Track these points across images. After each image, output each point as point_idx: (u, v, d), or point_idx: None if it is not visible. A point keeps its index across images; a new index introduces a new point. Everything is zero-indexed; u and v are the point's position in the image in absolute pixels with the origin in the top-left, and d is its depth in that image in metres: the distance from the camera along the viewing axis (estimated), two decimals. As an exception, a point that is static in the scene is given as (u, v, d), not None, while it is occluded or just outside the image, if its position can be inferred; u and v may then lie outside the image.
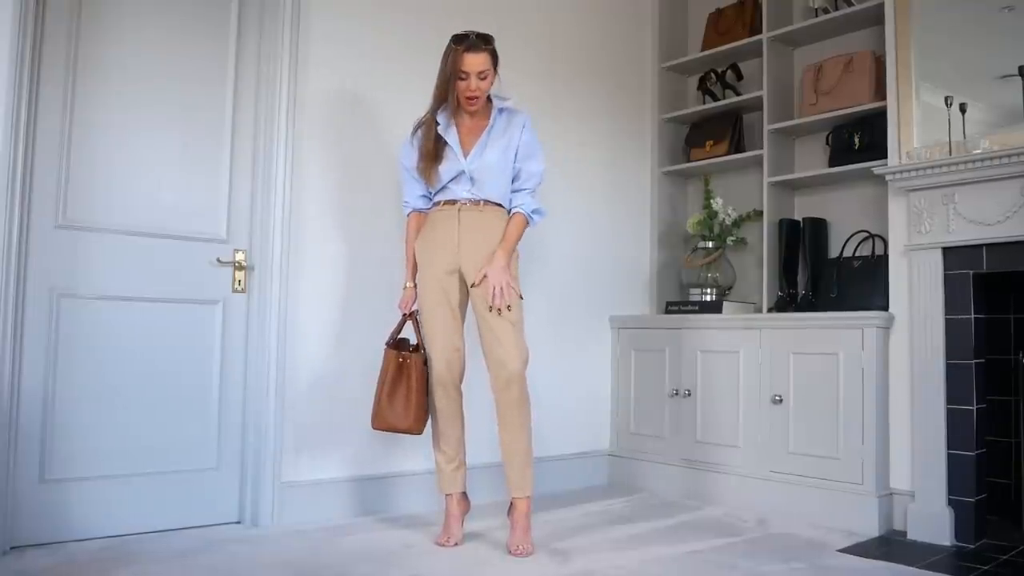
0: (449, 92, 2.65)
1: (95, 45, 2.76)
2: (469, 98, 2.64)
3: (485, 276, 2.63)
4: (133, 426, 2.77)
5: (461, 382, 2.76)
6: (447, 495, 2.76)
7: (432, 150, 2.68)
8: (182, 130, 2.93)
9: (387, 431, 2.73)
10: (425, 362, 2.71)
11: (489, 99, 2.74)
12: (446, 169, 2.68)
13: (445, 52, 2.65)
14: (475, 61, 2.60)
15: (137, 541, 2.67)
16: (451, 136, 2.69)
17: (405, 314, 2.80)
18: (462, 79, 2.62)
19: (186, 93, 2.94)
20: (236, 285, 3.01)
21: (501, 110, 2.74)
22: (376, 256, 3.22)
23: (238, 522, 2.97)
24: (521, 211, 2.72)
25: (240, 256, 3.01)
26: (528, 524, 2.67)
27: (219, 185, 3.00)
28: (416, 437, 2.76)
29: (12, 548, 2.50)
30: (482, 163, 2.67)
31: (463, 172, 2.67)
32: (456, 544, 2.70)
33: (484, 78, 2.63)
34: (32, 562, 2.42)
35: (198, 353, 2.92)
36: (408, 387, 2.67)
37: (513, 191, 2.74)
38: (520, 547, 2.61)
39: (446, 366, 2.70)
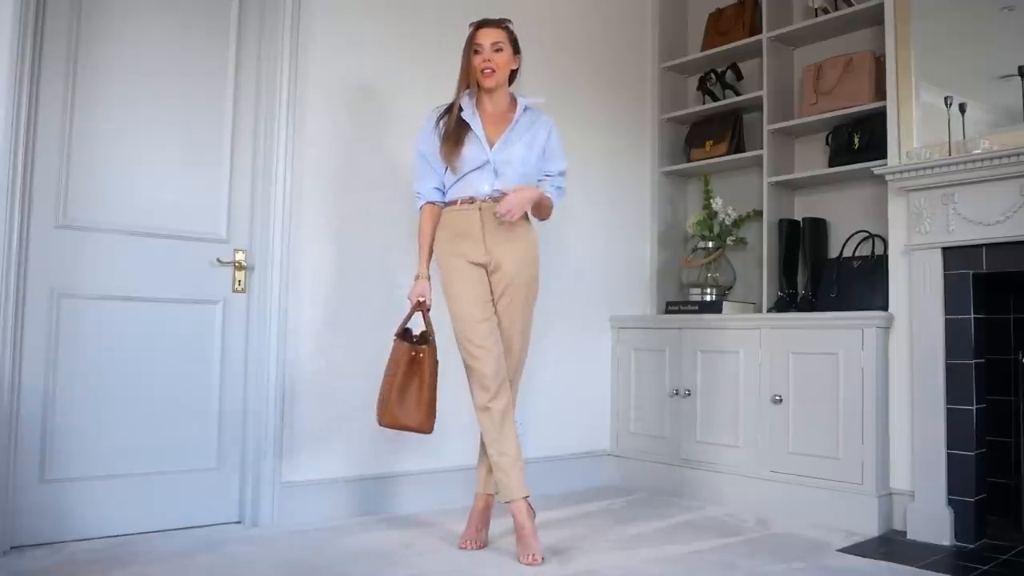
0: (468, 72, 2.67)
1: (95, 44, 2.75)
2: (484, 70, 2.65)
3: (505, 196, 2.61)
4: (133, 426, 2.77)
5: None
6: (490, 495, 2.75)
7: (455, 133, 2.66)
8: (182, 130, 2.92)
9: (394, 428, 2.63)
10: (436, 356, 2.64)
11: (514, 98, 2.76)
12: (469, 156, 2.64)
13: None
14: (488, 34, 2.66)
15: (137, 541, 2.66)
16: (475, 122, 2.67)
17: (418, 302, 2.69)
18: (477, 52, 2.66)
19: (186, 93, 2.93)
20: (236, 285, 3.01)
21: (527, 108, 2.74)
22: (377, 256, 3.22)
23: (238, 522, 2.96)
24: (550, 195, 2.76)
25: (240, 256, 3.01)
26: (534, 525, 2.63)
27: (219, 185, 3.00)
28: (414, 437, 2.75)
29: (12, 548, 2.50)
30: (506, 156, 2.66)
31: (487, 163, 2.65)
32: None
33: (499, 50, 2.66)
34: (32, 562, 2.42)
35: (198, 353, 2.92)
36: (420, 382, 2.58)
37: (543, 183, 2.77)
38: (535, 555, 2.51)
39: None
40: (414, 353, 2.60)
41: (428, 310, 2.70)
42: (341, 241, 3.16)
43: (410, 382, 2.58)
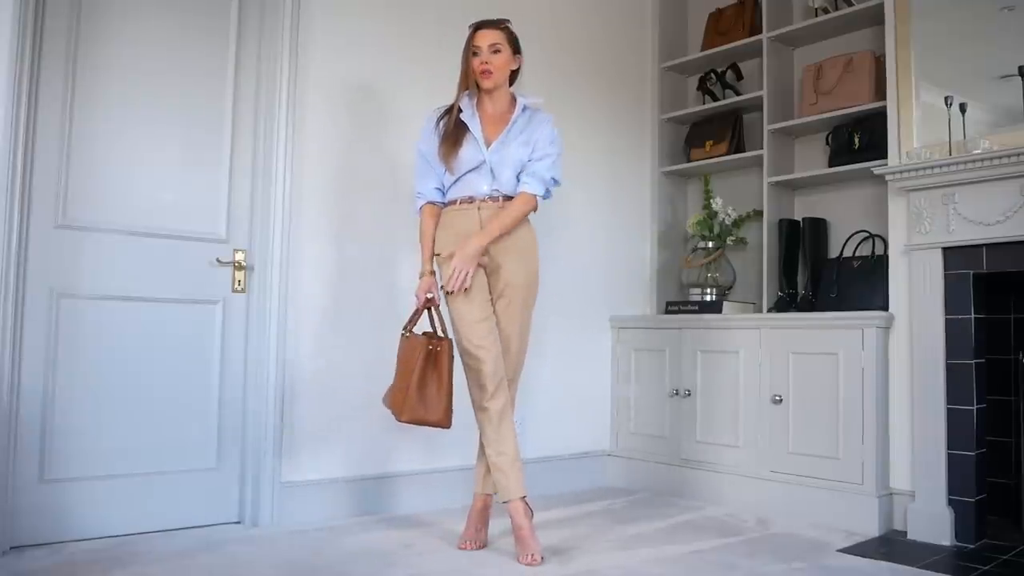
0: (467, 73, 2.67)
1: (95, 44, 2.75)
2: (483, 72, 2.65)
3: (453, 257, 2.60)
4: (133, 426, 2.77)
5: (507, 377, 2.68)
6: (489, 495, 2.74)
7: (453, 134, 2.66)
8: (182, 130, 2.92)
9: (416, 424, 2.57)
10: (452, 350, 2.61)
11: (514, 98, 2.75)
12: (466, 156, 2.65)
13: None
14: (485, 35, 2.66)
15: (137, 541, 2.66)
16: (473, 124, 2.67)
17: (427, 299, 2.65)
18: (475, 54, 2.66)
19: (186, 93, 2.93)
20: (236, 285, 3.01)
21: (525, 107, 2.73)
22: (377, 256, 3.22)
23: (238, 522, 2.96)
24: (527, 191, 2.66)
25: (240, 256, 3.01)
26: (532, 525, 2.63)
27: (219, 185, 3.00)
28: (412, 436, 2.73)
29: (12, 548, 2.50)
30: (503, 156, 2.65)
31: (484, 163, 2.65)
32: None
33: (496, 52, 2.65)
34: (32, 562, 2.42)
35: (198, 353, 2.92)
36: (439, 377, 2.56)
37: (522, 173, 2.68)
38: (534, 555, 2.52)
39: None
40: (431, 347, 2.57)
41: (437, 306, 2.68)
42: (341, 241, 3.15)
43: (428, 377, 2.55)
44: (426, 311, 2.67)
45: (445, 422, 2.55)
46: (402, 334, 2.65)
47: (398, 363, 2.62)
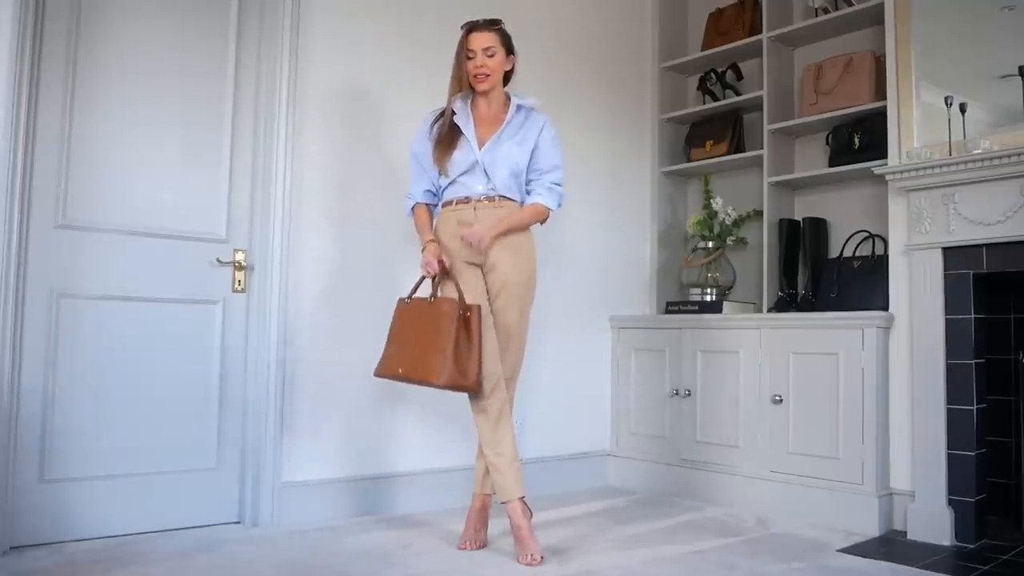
0: (461, 76, 2.67)
1: (94, 45, 2.75)
2: (477, 75, 2.66)
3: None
4: (133, 426, 2.77)
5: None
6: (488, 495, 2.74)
7: (447, 137, 2.67)
8: (182, 130, 2.92)
9: (451, 389, 2.53)
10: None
11: (509, 97, 2.76)
12: (460, 158, 2.66)
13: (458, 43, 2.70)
14: (479, 38, 2.65)
15: (137, 541, 2.67)
16: (467, 125, 2.68)
17: (440, 262, 2.63)
18: (470, 58, 2.66)
19: (186, 93, 2.93)
20: (236, 285, 3.01)
21: (520, 107, 2.73)
22: (376, 256, 3.22)
23: (238, 522, 2.96)
24: (541, 203, 2.71)
25: (240, 256, 3.01)
26: (531, 525, 2.64)
27: (219, 185, 3.00)
28: (411, 436, 2.72)
29: (12, 548, 2.50)
30: (495, 156, 2.66)
31: (477, 163, 2.65)
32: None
33: (491, 55, 2.65)
34: (32, 562, 2.42)
35: (198, 353, 2.92)
36: (471, 344, 2.52)
37: (533, 182, 2.72)
38: (533, 555, 2.52)
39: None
40: (461, 312, 2.54)
41: (449, 272, 2.64)
42: (341, 241, 3.15)
43: (462, 344, 2.52)
44: (430, 280, 2.65)
45: (477, 388, 2.56)
46: (403, 300, 2.66)
47: (419, 326, 2.58)
